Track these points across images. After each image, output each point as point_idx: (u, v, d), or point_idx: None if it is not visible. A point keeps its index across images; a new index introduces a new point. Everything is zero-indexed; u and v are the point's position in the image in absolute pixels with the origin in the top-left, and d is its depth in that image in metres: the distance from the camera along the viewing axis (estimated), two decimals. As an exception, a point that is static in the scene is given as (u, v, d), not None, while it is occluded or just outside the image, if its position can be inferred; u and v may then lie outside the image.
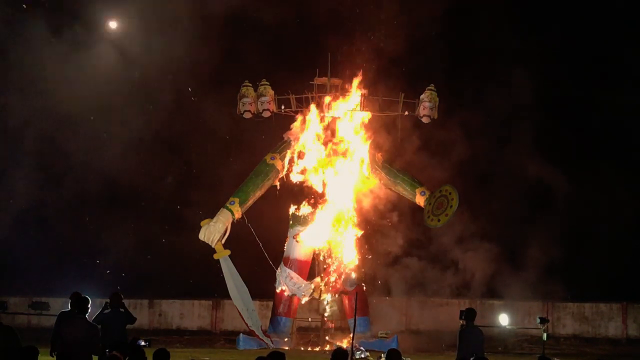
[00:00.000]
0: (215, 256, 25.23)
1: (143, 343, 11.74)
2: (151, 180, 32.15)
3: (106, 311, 14.25)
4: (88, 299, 12.48)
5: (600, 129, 31.64)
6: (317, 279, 25.42)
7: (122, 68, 28.90)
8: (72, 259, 30.60)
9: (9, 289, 28.66)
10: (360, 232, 25.70)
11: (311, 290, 25.43)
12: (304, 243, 25.36)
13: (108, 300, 14.42)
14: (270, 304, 27.00)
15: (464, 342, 13.03)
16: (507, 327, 25.93)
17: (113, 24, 29.09)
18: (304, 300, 25.85)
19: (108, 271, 30.36)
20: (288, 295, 25.56)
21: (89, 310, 12.40)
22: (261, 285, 27.08)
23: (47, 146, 29.96)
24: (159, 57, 28.33)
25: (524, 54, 30.94)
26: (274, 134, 27.04)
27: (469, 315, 13.22)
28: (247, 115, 26.31)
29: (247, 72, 27.22)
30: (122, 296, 14.60)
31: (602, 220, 30.52)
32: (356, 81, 26.28)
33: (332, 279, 25.24)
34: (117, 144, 30.21)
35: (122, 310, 14.32)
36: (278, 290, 25.76)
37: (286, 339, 25.28)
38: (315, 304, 26.72)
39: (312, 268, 25.99)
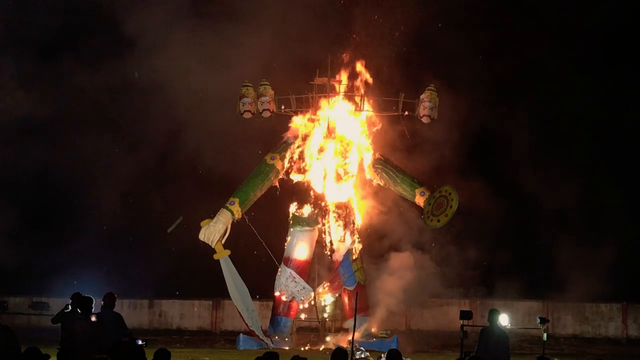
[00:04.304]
0: (215, 256, 25.23)
1: (140, 342, 11.66)
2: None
3: (100, 312, 14.20)
4: (92, 299, 12.51)
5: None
6: (319, 289, 25.47)
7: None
8: (72, 258, 30.59)
9: (9, 289, 28.66)
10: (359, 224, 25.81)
11: (310, 297, 25.46)
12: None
13: (102, 302, 14.39)
14: (270, 304, 26.98)
15: (482, 343, 13.37)
16: (507, 327, 25.88)
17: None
18: (302, 307, 25.82)
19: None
20: (286, 299, 25.57)
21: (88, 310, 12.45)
22: (261, 285, 27.06)
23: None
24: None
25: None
26: (275, 133, 27.01)
27: (489, 316, 13.61)
28: (247, 116, 26.24)
29: (246, 72, 27.18)
30: (116, 296, 14.55)
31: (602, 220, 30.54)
32: (356, 81, 26.29)
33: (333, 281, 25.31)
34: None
35: (116, 312, 14.28)
36: (277, 294, 25.76)
37: (286, 339, 25.26)
38: (315, 304, 26.70)
39: (312, 268, 26.04)
